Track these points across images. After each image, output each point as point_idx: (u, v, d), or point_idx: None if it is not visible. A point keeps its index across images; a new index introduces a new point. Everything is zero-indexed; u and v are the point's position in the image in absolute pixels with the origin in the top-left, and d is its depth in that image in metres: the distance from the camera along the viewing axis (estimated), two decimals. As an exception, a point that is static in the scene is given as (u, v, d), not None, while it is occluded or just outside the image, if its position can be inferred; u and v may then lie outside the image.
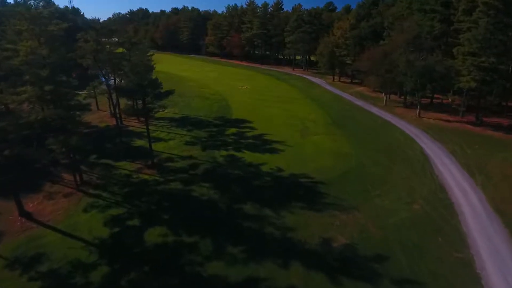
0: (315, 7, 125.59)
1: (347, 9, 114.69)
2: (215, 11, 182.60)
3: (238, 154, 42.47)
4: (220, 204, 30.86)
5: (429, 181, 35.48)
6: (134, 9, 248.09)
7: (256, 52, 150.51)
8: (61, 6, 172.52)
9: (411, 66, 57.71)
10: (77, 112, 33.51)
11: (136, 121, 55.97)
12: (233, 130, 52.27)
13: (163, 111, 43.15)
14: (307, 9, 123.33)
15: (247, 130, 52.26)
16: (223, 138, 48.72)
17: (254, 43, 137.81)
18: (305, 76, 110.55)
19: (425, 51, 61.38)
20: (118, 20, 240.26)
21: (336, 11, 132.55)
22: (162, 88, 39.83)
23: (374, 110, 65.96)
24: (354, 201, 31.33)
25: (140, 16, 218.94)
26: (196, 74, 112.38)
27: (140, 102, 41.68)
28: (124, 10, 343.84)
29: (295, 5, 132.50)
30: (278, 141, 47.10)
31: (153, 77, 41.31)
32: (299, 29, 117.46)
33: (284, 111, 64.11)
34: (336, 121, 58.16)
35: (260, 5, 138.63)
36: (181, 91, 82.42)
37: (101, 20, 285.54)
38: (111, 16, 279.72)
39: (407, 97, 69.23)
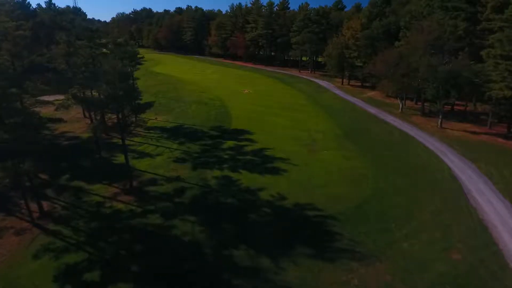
0: (323, 6, 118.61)
1: (358, 8, 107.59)
2: (219, 11, 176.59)
3: (234, 175, 35.98)
4: (206, 249, 24.40)
5: (466, 217, 28.60)
6: (138, 8, 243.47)
7: (261, 52, 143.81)
8: (63, 6, 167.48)
9: (433, 71, 50.64)
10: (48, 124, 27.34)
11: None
12: (231, 143, 45.80)
13: (143, 126, 36.72)
14: (314, 8, 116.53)
15: (247, 143, 45.75)
16: (218, 153, 42.25)
17: (259, 43, 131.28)
18: (312, 79, 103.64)
19: (448, 54, 54.21)
20: (122, 20, 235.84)
21: (346, 10, 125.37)
22: (140, 99, 33.27)
23: (390, 119, 58.94)
24: (375, 245, 24.67)
25: (144, 16, 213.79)
26: (197, 76, 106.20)
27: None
28: (129, 10, 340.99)
29: (302, 3, 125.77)
30: (281, 158, 40.52)
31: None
32: (306, 29, 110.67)
33: (289, 120, 57.45)
34: (347, 132, 51.34)
35: (265, 4, 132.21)
36: (179, 95, 76.46)
37: (107, 21, 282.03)
38: (115, 16, 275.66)
39: (425, 104, 62.07)
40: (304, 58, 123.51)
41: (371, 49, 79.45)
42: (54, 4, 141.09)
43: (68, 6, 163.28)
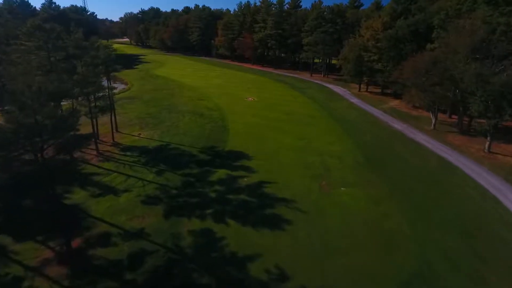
0: (338, 4, 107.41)
1: (378, 5, 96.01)
2: (228, 10, 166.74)
3: (218, 229, 25.81)
4: None
5: None
6: (146, 8, 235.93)
7: (270, 53, 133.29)
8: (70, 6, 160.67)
9: (482, 81, 39.36)
10: None
11: (98, 150, 40.18)
12: (222, 173, 35.64)
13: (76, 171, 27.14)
14: (328, 6, 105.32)
15: (242, 173, 35.53)
16: (204, 189, 32.13)
17: (268, 44, 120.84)
18: (325, 84, 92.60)
19: (497, 59, 42.74)
20: (129, 20, 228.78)
21: (363, 7, 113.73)
22: (77, 129, 23.43)
23: (421, 138, 47.78)
24: None
25: (151, 15, 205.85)
26: (199, 80, 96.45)
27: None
28: (137, 10, 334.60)
29: (315, 1, 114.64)
30: (285, 199, 30.18)
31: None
32: (319, 29, 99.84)
33: (297, 138, 46.95)
34: (370, 158, 40.52)
35: (275, 2, 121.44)
36: (174, 103, 66.73)
37: (115, 21, 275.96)
38: (123, 15, 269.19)
39: (465, 119, 50.68)
40: (316, 60, 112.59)
41: (394, 51, 68.10)
42: (55, 3, 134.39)
43: (72, 5, 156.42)
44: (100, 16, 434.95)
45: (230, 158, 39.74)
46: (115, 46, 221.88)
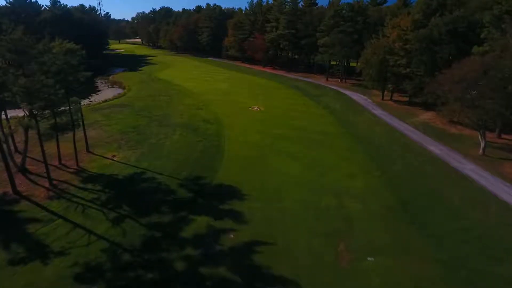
0: (358, 1, 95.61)
1: (405, 1, 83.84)
2: (240, 10, 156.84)
3: None
4: None
5: None
6: (158, 8, 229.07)
7: (282, 55, 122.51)
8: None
9: None
10: None
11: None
12: (203, 222, 25.86)
13: None
14: (347, 3, 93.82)
15: (229, 224, 25.67)
16: (170, 255, 22.41)
17: (280, 45, 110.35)
18: (342, 90, 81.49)
19: None
20: (141, 20, 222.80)
21: (386, 4, 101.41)
22: None
23: (469, 168, 36.58)
24: None
25: (162, 15, 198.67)
26: (203, 84, 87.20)
27: None
28: (149, 9, 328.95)
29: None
30: (283, 279, 20.11)
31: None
32: (337, 28, 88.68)
33: (307, 166, 36.69)
34: (406, 200, 29.85)
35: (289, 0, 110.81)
36: (168, 113, 57.57)
37: (128, 20, 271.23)
38: (134, 15, 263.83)
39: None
40: (333, 63, 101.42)
41: (427, 55, 56.68)
42: (60, 2, 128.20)
43: (82, 5, 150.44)
44: (117, 16, 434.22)
45: (217, 196, 29.90)
46: (125, 46, 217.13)
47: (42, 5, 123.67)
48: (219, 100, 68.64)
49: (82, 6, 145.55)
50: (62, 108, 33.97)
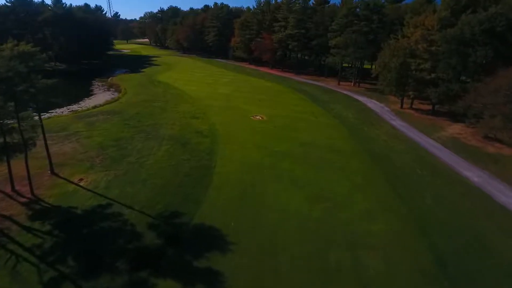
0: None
1: (427, -2, 75.09)
2: (248, 8, 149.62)
3: None
4: None
5: None
6: (166, 7, 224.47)
7: (292, 55, 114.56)
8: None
9: None
10: None
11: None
12: (167, 290, 18.95)
13: None
14: (362, 1, 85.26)
15: (203, 294, 18.65)
16: None
17: (288, 46, 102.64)
18: (356, 96, 73.50)
19: None
20: (148, 19, 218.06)
21: (405, 1, 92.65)
22: None
23: (520, 204, 28.55)
24: None
25: (170, 15, 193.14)
26: (205, 88, 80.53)
27: None
28: (157, 9, 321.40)
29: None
30: None
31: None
32: (350, 28, 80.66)
33: (314, 199, 29.18)
34: (444, 257, 22.17)
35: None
36: (159, 123, 50.88)
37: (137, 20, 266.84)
38: (142, 15, 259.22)
39: None
40: (345, 64, 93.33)
41: (457, 58, 48.38)
42: (62, 1, 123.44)
43: (86, 4, 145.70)
44: (127, 16, 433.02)
45: (194, 246, 22.84)
46: (132, 47, 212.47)
47: (45, 3, 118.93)
48: (219, 107, 61.71)
49: (86, 5, 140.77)
50: (12, 125, 27.55)
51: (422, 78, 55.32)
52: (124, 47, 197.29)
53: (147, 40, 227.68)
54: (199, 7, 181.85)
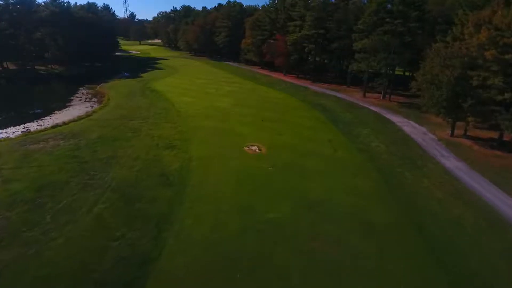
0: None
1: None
2: (263, 7, 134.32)
3: None
4: None
5: None
6: (179, 7, 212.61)
7: (310, 58, 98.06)
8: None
9: None
10: None
11: None
12: None
13: None
14: (396, -6, 68.18)
15: None
16: None
17: (305, 49, 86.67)
18: (387, 114, 56.95)
19: None
20: (162, 19, 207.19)
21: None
22: None
23: None
24: None
25: (182, 14, 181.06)
26: (202, 100, 66.48)
27: None
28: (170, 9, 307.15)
29: (375, -11, 77.79)
30: None
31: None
32: (381, 27, 63.91)
33: None
34: None
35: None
36: (118, 156, 36.79)
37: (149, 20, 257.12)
38: (156, 15, 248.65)
39: None
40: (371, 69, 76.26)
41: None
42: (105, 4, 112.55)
43: (94, 4, 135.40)
44: (143, 17, 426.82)
45: None
46: (143, 48, 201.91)
47: (40, 2, 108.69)
48: (209, 129, 47.18)
49: (89, 4, 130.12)
50: None
51: (489, 99, 38.40)
52: (135, 48, 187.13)
53: (160, 41, 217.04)
54: (213, 6, 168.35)
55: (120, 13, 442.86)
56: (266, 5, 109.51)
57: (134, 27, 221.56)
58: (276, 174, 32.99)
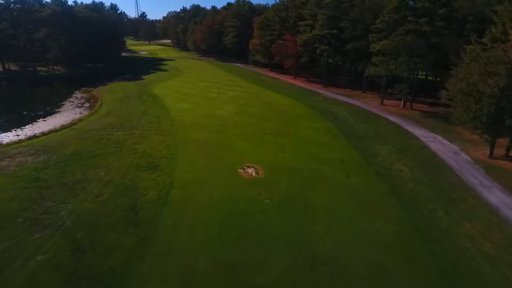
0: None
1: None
2: (273, 6, 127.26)
3: None
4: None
5: None
6: (188, 6, 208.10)
7: (321, 60, 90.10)
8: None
9: None
10: None
11: None
12: None
13: None
14: (420, -11, 59.96)
15: None
16: None
17: (316, 50, 79.16)
18: (410, 126, 49.12)
19: None
20: (171, 19, 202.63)
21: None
22: None
23: None
24: None
25: (192, 14, 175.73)
26: (200, 106, 60.30)
27: None
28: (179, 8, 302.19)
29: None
30: None
31: None
32: (402, 27, 55.96)
33: None
34: None
35: (331, -12, 78.93)
36: (85, 181, 30.22)
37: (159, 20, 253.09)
38: (166, 14, 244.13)
39: None
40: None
41: None
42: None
43: (100, 2, 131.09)
44: (155, 17, 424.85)
45: None
46: (152, 48, 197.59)
47: (42, 1, 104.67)
48: (203, 143, 40.71)
49: (94, 3, 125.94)
50: None
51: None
52: (144, 49, 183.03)
53: (169, 41, 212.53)
54: (223, 5, 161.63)
55: (132, 13, 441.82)
56: (276, 3, 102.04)
57: (143, 27, 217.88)
58: (273, 211, 26.09)
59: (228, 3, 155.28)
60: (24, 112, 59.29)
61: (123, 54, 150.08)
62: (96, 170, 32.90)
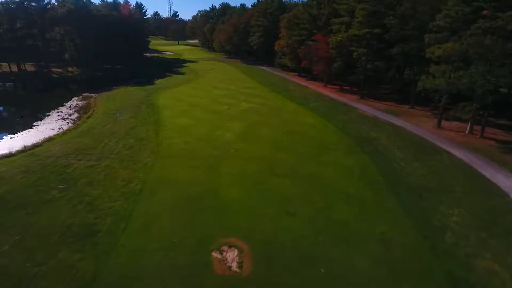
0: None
1: None
2: (303, 2, 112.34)
3: None
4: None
5: None
6: (218, 5, 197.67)
7: (359, 66, 73.38)
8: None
9: None
10: None
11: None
12: None
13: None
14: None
15: None
16: None
17: (352, 54, 63.57)
18: (485, 169, 32.82)
19: None
20: (200, 19, 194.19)
21: None
22: None
23: None
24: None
25: (220, 12, 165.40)
26: (206, 122, 48.52)
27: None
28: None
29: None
30: None
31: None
32: (475, 24, 39.45)
33: None
34: None
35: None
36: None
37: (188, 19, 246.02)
38: (195, 14, 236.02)
39: None
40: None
41: None
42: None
43: (116, 2, 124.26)
44: (187, 17, 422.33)
45: None
46: (179, 48, 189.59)
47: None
48: (178, 191, 28.34)
49: (114, 2, 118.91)
50: None
51: None
52: (170, 49, 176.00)
53: (198, 41, 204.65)
54: (253, 3, 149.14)
55: (164, 13, 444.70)
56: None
57: (172, 27, 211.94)
58: None
59: (258, 1, 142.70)
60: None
61: (147, 54, 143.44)
62: (5, 236, 21.62)
